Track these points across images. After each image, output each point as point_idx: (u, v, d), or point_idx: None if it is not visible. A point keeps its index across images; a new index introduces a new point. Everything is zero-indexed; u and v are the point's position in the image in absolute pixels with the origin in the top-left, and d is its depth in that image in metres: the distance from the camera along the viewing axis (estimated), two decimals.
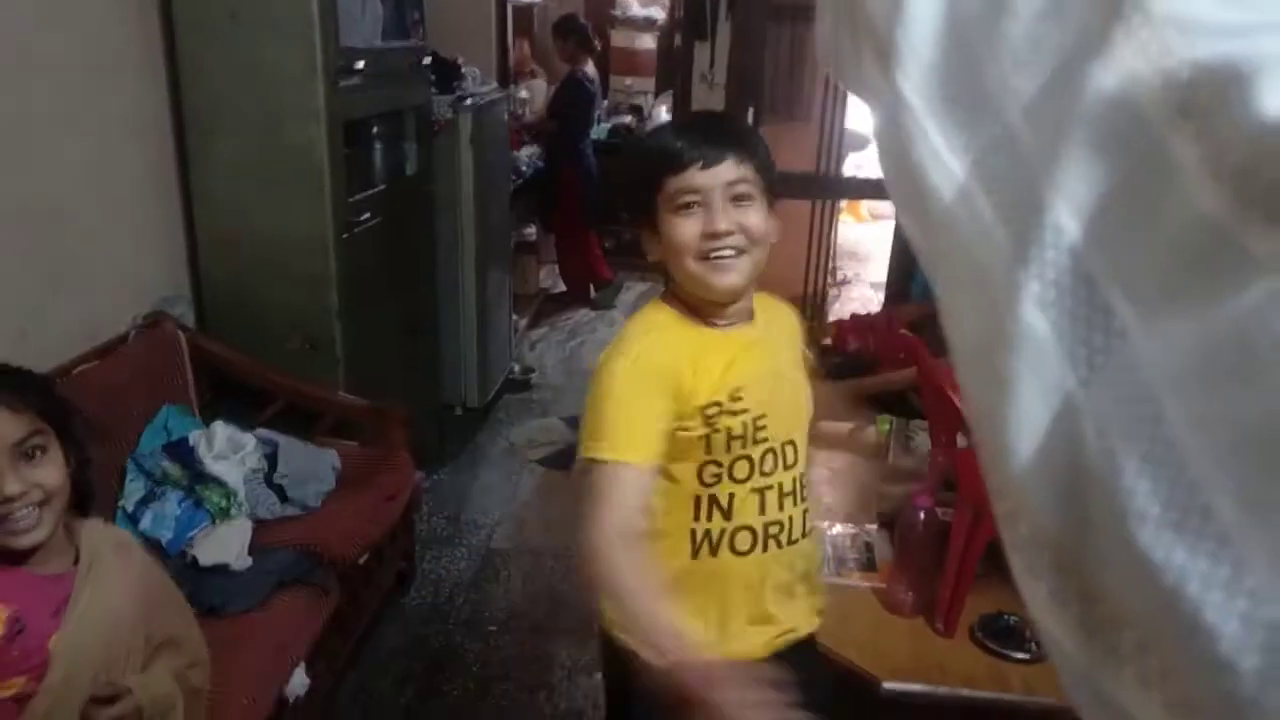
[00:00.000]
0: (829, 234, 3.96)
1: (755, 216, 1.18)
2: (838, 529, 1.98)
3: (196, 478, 2.08)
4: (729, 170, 1.16)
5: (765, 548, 1.24)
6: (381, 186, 2.81)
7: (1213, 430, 0.30)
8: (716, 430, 1.18)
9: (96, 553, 1.24)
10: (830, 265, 3.96)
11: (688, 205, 1.16)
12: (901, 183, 0.43)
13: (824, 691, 1.33)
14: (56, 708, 1.14)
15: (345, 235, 2.48)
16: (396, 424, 2.49)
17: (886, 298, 3.77)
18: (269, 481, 2.19)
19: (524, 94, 5.39)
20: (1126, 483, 0.31)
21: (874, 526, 1.98)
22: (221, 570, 1.90)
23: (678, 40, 4.00)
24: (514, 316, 4.15)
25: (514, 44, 4.91)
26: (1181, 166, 0.32)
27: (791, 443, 1.25)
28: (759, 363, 1.24)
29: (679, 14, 4.03)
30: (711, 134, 1.20)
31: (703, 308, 1.23)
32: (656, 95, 6.21)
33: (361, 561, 2.21)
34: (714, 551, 1.23)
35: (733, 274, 1.17)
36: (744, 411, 1.19)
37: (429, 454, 3.02)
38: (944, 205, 0.39)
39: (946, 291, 0.42)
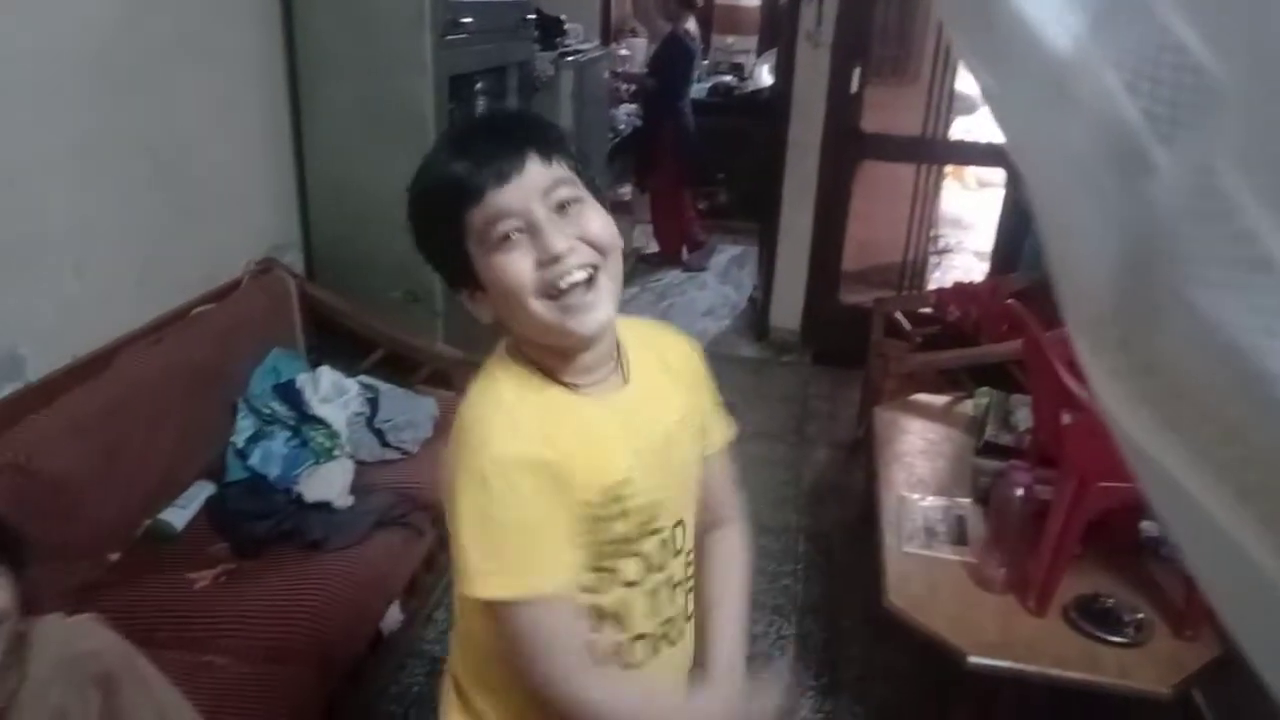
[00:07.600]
0: (932, 200, 3.85)
1: (596, 220, 0.89)
2: (929, 501, 1.95)
3: (303, 419, 2.18)
4: (538, 175, 0.86)
5: (658, 652, 1.00)
6: None
7: (1272, 174, 0.30)
8: (602, 533, 0.92)
9: (42, 686, 0.98)
10: (931, 232, 3.85)
11: (505, 236, 0.86)
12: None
13: None
14: None
15: None
16: None
17: (992, 267, 3.66)
18: (370, 426, 2.27)
19: (624, 51, 5.37)
20: (1185, 247, 0.32)
21: (967, 500, 1.94)
22: (325, 507, 1.98)
23: None
24: None
25: (616, 1, 4.89)
26: None
27: (681, 523, 1.00)
28: (648, 434, 0.96)
29: None
30: (496, 137, 0.90)
31: (558, 365, 0.93)
32: (759, 55, 6.10)
33: None
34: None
35: (595, 310, 0.88)
36: (636, 510, 0.93)
37: None
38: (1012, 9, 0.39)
39: (1012, 97, 0.42)
